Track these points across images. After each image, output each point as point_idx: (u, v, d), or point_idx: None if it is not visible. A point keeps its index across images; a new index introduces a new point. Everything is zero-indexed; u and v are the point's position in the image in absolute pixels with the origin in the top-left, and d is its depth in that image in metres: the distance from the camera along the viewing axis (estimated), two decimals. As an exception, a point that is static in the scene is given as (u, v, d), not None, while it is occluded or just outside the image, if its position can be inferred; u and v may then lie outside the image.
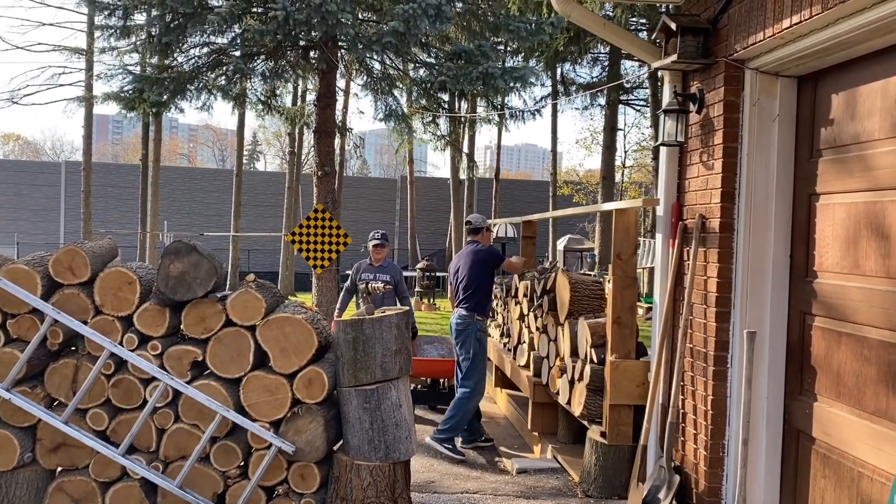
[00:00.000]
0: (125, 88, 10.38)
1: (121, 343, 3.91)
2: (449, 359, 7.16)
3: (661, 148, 4.22)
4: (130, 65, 11.40)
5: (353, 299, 7.58)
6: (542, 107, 13.80)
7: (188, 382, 3.94)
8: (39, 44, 22.52)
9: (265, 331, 4.04)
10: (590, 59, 19.83)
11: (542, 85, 20.59)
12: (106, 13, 10.23)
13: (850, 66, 3.24)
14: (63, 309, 3.86)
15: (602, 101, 20.35)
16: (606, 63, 19.73)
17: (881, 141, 3.04)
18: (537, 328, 5.93)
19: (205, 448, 3.93)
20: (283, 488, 4.04)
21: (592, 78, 20.71)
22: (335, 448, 4.19)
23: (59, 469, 4.02)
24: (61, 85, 21.82)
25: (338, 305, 7.68)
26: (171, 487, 3.85)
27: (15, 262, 3.97)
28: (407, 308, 5.99)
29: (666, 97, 4.17)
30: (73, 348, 4.10)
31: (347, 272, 25.89)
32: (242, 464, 4.03)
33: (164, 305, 4.00)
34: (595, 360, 4.68)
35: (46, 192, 31.95)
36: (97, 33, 15.41)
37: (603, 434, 4.56)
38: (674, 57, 3.87)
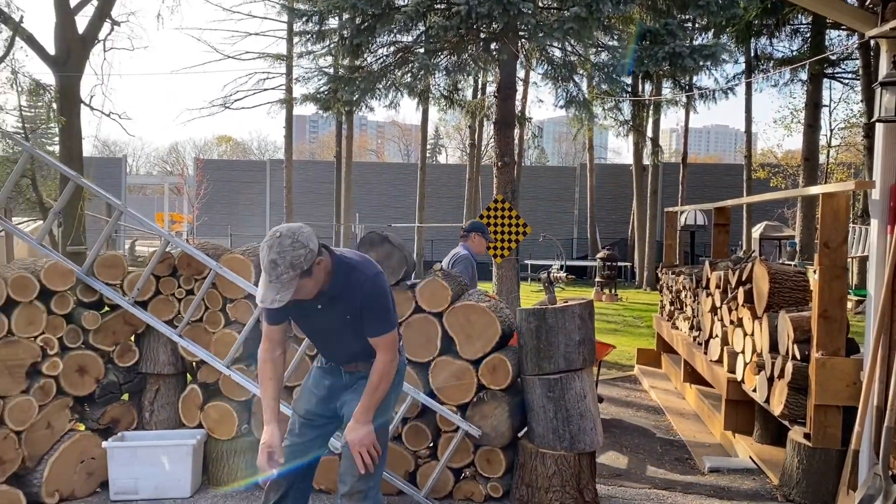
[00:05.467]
0: (321, 89, 11.12)
1: (322, 327, 4.21)
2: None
3: (878, 125, 3.80)
4: (325, 67, 12.17)
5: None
6: (735, 85, 12.90)
7: (381, 365, 4.16)
8: (246, 52, 24.82)
9: (451, 318, 4.17)
10: (788, 31, 18.27)
11: (735, 62, 19.29)
12: (304, 19, 10.98)
13: None
14: (272, 294, 4.22)
15: (803, 75, 18.69)
16: (808, 34, 18.10)
17: None
18: (731, 322, 5.60)
19: (397, 428, 4.14)
20: (469, 471, 4.16)
21: (792, 51, 19.04)
22: (519, 435, 4.24)
23: (271, 440, 4.41)
24: (265, 89, 23.73)
25: None
26: (367, 463, 4.08)
27: (232, 251, 4.41)
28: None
29: (883, 68, 3.75)
30: (281, 331, 4.47)
31: (527, 262, 25.69)
32: (431, 445, 4.20)
33: (360, 292, 4.25)
34: (798, 357, 4.33)
35: (254, 189, 35.04)
36: (296, 39, 16.62)
37: (807, 436, 4.22)
38: (893, 23, 3.47)
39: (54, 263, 4.14)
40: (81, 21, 13.37)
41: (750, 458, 5.12)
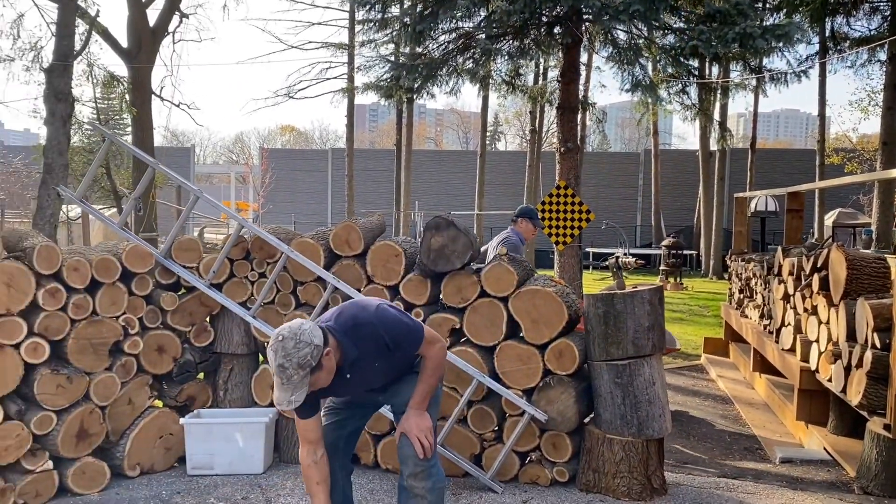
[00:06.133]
0: (383, 77, 11.19)
1: (389, 310, 4.28)
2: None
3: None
4: (387, 55, 12.25)
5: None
6: (809, 67, 12.37)
7: (447, 348, 4.20)
8: (309, 42, 25.10)
9: (517, 302, 4.17)
10: (867, 8, 17.46)
11: (809, 42, 18.53)
12: (366, 8, 11.05)
13: None
14: (341, 278, 4.30)
15: (882, 55, 17.83)
16: (888, 12, 17.26)
17: None
18: (805, 309, 5.43)
19: (462, 410, 4.17)
20: (535, 455, 4.16)
21: (870, 30, 18.17)
22: (586, 420, 4.23)
23: (339, 420, 4.51)
24: (328, 79, 24.01)
25: None
26: (434, 445, 4.13)
27: (303, 236, 4.50)
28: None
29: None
30: (349, 313, 4.55)
31: (589, 249, 25.40)
32: (496, 428, 4.22)
33: (426, 276, 4.30)
34: (878, 346, 4.18)
35: (316, 177, 35.62)
36: (357, 28, 16.77)
37: (887, 427, 4.08)
38: None
39: (135, 246, 4.31)
40: (152, 14, 13.82)
41: (824, 448, 4.98)
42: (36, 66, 13.62)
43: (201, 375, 4.67)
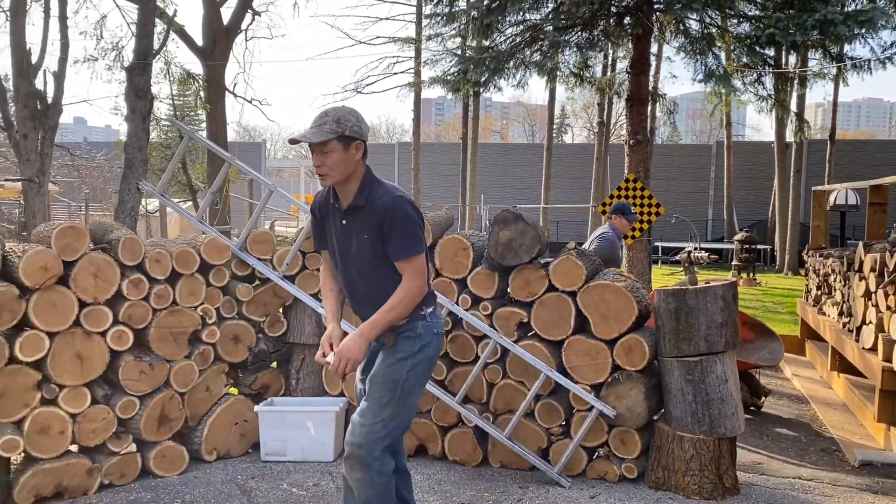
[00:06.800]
0: (449, 71, 11.21)
1: (456, 303, 4.32)
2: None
3: None
4: (453, 49, 12.26)
5: None
6: (894, 54, 11.73)
7: (514, 342, 4.21)
8: (377, 37, 25.36)
9: (585, 297, 4.15)
10: (960, -11, 16.51)
11: (894, 28, 17.64)
12: (434, 2, 11.09)
13: None
14: (409, 271, 4.35)
15: (976, 39, 16.86)
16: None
17: None
18: (888, 307, 5.20)
19: (530, 404, 4.18)
20: (603, 451, 4.13)
21: (963, 13, 17.19)
22: (655, 417, 4.17)
23: (407, 411, 4.57)
24: (395, 73, 24.14)
25: None
26: (501, 437, 4.16)
27: (372, 229, 4.57)
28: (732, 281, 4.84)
29: None
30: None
31: (658, 244, 24.78)
32: (564, 423, 4.21)
33: (494, 270, 4.31)
34: (968, 346, 3.98)
35: (382, 171, 35.69)
36: (425, 22, 16.83)
37: (978, 433, 3.88)
38: None
39: (213, 239, 4.46)
40: (226, 13, 14.21)
41: (908, 453, 4.77)
42: (117, 64, 14.22)
43: (274, 364, 4.81)
